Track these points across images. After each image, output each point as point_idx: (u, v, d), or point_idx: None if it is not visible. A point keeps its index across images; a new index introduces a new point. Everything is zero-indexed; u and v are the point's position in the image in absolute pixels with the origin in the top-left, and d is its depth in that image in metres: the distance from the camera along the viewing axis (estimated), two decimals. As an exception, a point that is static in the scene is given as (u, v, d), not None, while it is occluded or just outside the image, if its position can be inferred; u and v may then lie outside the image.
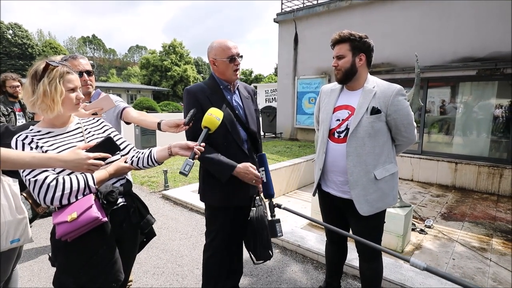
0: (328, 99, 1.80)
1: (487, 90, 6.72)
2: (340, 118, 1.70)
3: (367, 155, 1.62)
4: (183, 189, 4.38)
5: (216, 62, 1.66)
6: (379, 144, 1.64)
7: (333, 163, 1.71)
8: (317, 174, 1.83)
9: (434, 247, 3.78)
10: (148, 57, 49.81)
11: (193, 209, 3.77)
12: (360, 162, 1.61)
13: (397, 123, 1.64)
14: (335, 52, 1.67)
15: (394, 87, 1.64)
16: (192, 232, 3.18)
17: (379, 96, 1.62)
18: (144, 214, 1.43)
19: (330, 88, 1.84)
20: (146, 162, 1.41)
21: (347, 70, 1.64)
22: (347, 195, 1.69)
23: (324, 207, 1.93)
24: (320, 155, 1.78)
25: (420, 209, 5.07)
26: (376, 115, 1.60)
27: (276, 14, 10.72)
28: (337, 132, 1.70)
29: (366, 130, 1.60)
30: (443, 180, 6.56)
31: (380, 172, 1.63)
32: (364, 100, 1.63)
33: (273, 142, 9.49)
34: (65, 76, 1.22)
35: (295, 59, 10.15)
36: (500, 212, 5.01)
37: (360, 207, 1.63)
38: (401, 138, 1.70)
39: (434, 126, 7.45)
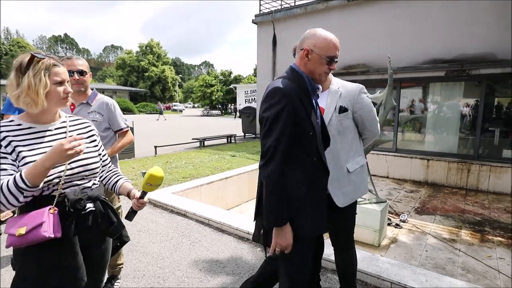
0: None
1: (455, 90, 7.09)
2: None
3: (339, 151, 1.73)
4: (163, 191, 4.33)
5: (310, 54, 1.37)
6: (349, 140, 1.77)
7: None
8: None
9: (409, 240, 3.95)
10: (124, 57, 48.51)
11: (173, 211, 3.74)
12: (334, 158, 1.71)
13: (363, 119, 1.77)
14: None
15: (356, 87, 1.77)
16: (173, 234, 3.15)
17: (344, 95, 1.74)
18: (113, 220, 1.37)
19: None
20: (109, 187, 1.43)
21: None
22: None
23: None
24: None
25: (395, 204, 5.28)
26: (344, 113, 1.73)
27: (255, 15, 10.80)
28: None
29: (336, 128, 1.72)
30: (416, 176, 6.85)
31: (351, 165, 1.76)
32: (332, 101, 1.74)
33: (253, 143, 9.54)
34: (51, 69, 1.17)
35: (274, 60, 10.26)
36: (468, 205, 5.31)
37: (337, 199, 1.72)
38: (367, 132, 1.83)
39: (407, 125, 7.77)
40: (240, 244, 2.93)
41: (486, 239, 4.00)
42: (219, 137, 10.01)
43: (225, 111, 42.06)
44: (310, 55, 1.37)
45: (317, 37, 1.38)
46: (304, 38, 1.41)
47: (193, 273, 2.47)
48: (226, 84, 39.49)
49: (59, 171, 1.19)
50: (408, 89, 7.65)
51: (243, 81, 40.28)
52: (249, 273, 2.46)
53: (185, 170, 5.56)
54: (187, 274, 2.47)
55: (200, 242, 2.98)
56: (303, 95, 1.34)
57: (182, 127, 19.07)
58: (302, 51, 1.39)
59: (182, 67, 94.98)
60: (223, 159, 6.60)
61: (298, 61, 1.42)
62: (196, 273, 2.48)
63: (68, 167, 1.21)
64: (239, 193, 5.28)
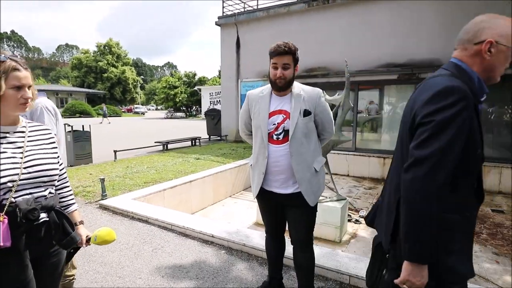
0: (260, 105, 1.87)
1: (407, 92, 7.59)
2: (275, 122, 1.81)
3: (306, 152, 1.80)
4: (123, 197, 4.15)
5: (494, 48, 1.03)
6: (313, 141, 1.85)
7: (275, 164, 1.81)
8: (258, 177, 1.88)
9: (367, 235, 4.16)
10: (81, 57, 45.78)
11: (134, 217, 3.60)
12: (302, 160, 1.79)
13: (323, 121, 1.87)
14: (281, 62, 1.73)
15: (317, 91, 1.86)
16: (134, 241, 3.04)
17: (307, 99, 1.81)
18: (68, 231, 1.30)
19: (258, 94, 1.92)
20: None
21: (290, 79, 1.77)
22: (289, 190, 1.83)
23: (266, 205, 2.01)
24: (261, 159, 1.85)
25: (355, 201, 5.53)
26: (308, 116, 1.80)
27: (218, 17, 10.76)
28: (275, 135, 1.81)
29: (302, 130, 1.78)
30: (374, 173, 7.24)
31: (317, 165, 1.85)
32: (296, 104, 1.79)
33: (219, 145, 9.49)
34: (10, 73, 1.13)
35: (238, 62, 10.29)
36: (420, 199, 5.71)
37: (309, 199, 1.80)
38: (326, 133, 1.94)
39: (365, 125, 8.19)
40: (204, 248, 2.90)
41: (435, 229, 4.33)
42: (183, 140, 9.81)
43: (190, 113, 41.35)
44: (493, 49, 1.03)
45: (502, 24, 1.03)
46: (481, 28, 1.04)
47: (155, 281, 2.40)
48: (191, 86, 38.82)
49: (13, 174, 1.12)
50: (365, 91, 8.07)
51: (208, 83, 39.87)
52: (213, 276, 2.44)
53: (147, 174, 5.38)
54: (149, 282, 2.39)
55: (162, 248, 2.91)
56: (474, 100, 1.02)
57: (144, 130, 18.42)
58: (480, 44, 1.04)
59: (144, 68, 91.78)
60: (187, 162, 6.49)
61: (469, 58, 1.07)
62: (159, 280, 2.41)
63: (24, 170, 1.15)
64: (204, 196, 5.22)
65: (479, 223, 4.53)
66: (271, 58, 1.78)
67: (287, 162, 1.79)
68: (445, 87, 0.99)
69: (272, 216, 2.03)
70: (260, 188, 1.89)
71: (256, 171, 1.90)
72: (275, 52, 1.74)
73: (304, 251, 1.94)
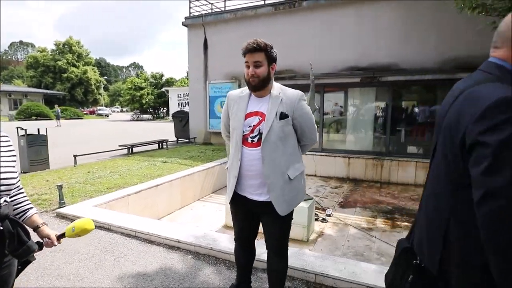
0: (238, 106, 1.80)
1: (369, 95, 7.96)
2: (251, 124, 1.74)
3: (280, 158, 1.71)
4: (84, 204, 3.93)
5: None
6: (289, 146, 1.76)
7: (248, 168, 1.74)
8: (232, 181, 1.80)
9: (333, 233, 4.28)
10: (37, 56, 42.78)
11: (95, 225, 3.42)
12: (275, 166, 1.69)
13: (302, 126, 1.77)
14: (252, 60, 1.67)
15: (297, 93, 1.78)
16: (95, 251, 2.88)
17: (285, 101, 1.72)
18: (24, 241, 1.22)
19: (237, 94, 1.85)
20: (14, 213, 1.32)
21: (264, 78, 1.69)
22: (263, 197, 1.74)
23: (239, 211, 1.91)
24: (235, 162, 1.77)
25: (322, 200, 5.68)
26: (284, 119, 1.71)
27: (185, 17, 10.58)
28: (250, 137, 1.74)
29: (277, 134, 1.69)
30: (340, 173, 7.49)
31: (292, 172, 1.75)
32: (273, 106, 1.71)
33: (187, 147, 9.31)
34: None
35: (206, 63, 10.19)
36: (382, 196, 6.00)
37: (280, 208, 1.71)
38: (305, 140, 1.84)
39: (331, 126, 8.45)
40: (170, 254, 2.82)
41: (396, 225, 4.56)
42: (150, 143, 9.51)
43: (157, 115, 40.22)
44: None
45: None
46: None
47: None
48: (158, 87, 37.77)
49: None
50: (331, 93, 8.33)
51: (176, 84, 39.03)
52: (179, 283, 2.38)
53: (110, 180, 5.14)
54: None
55: (125, 257, 2.79)
56: None
57: (108, 133, 17.62)
58: None
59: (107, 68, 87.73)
60: (154, 166, 6.29)
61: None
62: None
63: None
64: (171, 201, 5.09)
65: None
66: (244, 58, 1.71)
67: (261, 166, 1.71)
68: (499, 100, 0.85)
69: (245, 222, 1.93)
70: (233, 192, 1.81)
71: (230, 174, 1.84)
72: (245, 50, 1.68)
73: (278, 258, 1.89)
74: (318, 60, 7.56)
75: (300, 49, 8.28)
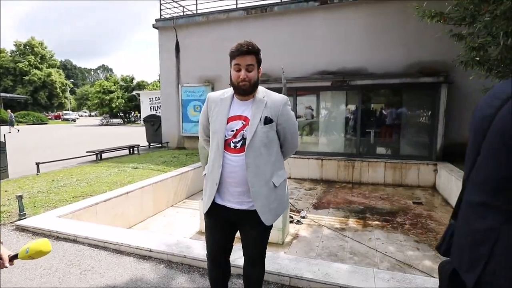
0: (219, 108, 1.69)
1: (340, 98, 8.18)
2: (234, 128, 1.65)
3: (265, 164, 1.63)
4: (47, 215, 3.70)
5: None
6: (274, 153, 1.68)
7: (230, 175, 1.63)
8: (211, 188, 1.68)
9: (308, 234, 4.34)
10: (-6, 57, 40.09)
11: (59, 237, 3.23)
12: (259, 173, 1.62)
13: (285, 132, 1.71)
14: (244, 63, 1.57)
15: (282, 98, 1.71)
16: (59, 265, 2.71)
17: (270, 106, 1.65)
18: None
19: (219, 96, 1.74)
20: None
21: (255, 82, 1.62)
22: (245, 206, 1.65)
23: (216, 222, 1.75)
24: (216, 168, 1.65)
25: (296, 202, 5.74)
26: (269, 124, 1.63)
27: (155, 20, 10.36)
28: (233, 142, 1.64)
29: (262, 140, 1.62)
30: (313, 175, 7.62)
31: (276, 179, 1.68)
32: (257, 110, 1.63)
33: (159, 152, 9.08)
34: None
35: (178, 67, 10.02)
36: (354, 196, 6.17)
37: (265, 217, 1.63)
38: (287, 146, 1.77)
39: (304, 129, 8.59)
40: (141, 264, 2.71)
41: (367, 224, 4.70)
42: (120, 148, 9.17)
43: (128, 119, 38.97)
44: None
45: None
46: None
47: (83, 307, 2.17)
48: (128, 91, 36.64)
49: None
50: (303, 96, 8.48)
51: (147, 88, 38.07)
52: (151, 293, 2.30)
53: (76, 188, 4.89)
54: (76, 309, 2.15)
55: (93, 269, 2.65)
56: None
57: (75, 139, 16.79)
58: None
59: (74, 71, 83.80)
60: (124, 172, 6.07)
61: None
62: (87, 305, 2.18)
63: None
64: (143, 208, 4.92)
65: (403, 214, 5.06)
66: (232, 59, 1.60)
67: (243, 174, 1.61)
68: None
69: (221, 233, 1.77)
70: (212, 201, 1.68)
71: (209, 181, 1.70)
72: (237, 52, 1.57)
73: (256, 266, 1.84)
74: (290, 64, 7.70)
75: (272, 53, 8.36)
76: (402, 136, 7.63)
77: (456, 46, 4.54)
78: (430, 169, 6.75)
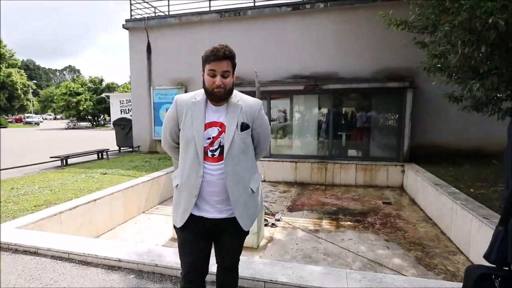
0: (193, 113, 1.59)
1: (313, 101, 8.35)
2: (211, 135, 1.57)
3: (243, 171, 1.60)
4: (4, 226, 3.43)
5: None
6: (250, 159, 1.65)
7: (209, 184, 1.56)
8: (187, 201, 1.57)
9: (283, 237, 4.36)
10: None
11: (18, 250, 3.00)
12: (239, 180, 1.58)
13: (259, 136, 1.68)
14: (220, 69, 1.50)
15: (257, 102, 1.68)
16: (17, 280, 2.52)
17: (245, 110, 1.61)
18: None
19: (189, 99, 1.63)
20: None
21: (230, 89, 1.56)
22: (224, 214, 1.59)
23: (192, 236, 1.62)
24: (194, 179, 1.55)
25: (271, 205, 5.76)
26: (246, 130, 1.59)
27: (125, 20, 10.04)
28: (210, 151, 1.57)
29: (239, 146, 1.57)
30: (288, 177, 7.70)
31: (253, 184, 1.66)
32: (233, 116, 1.58)
33: (130, 157, 8.77)
34: None
35: (149, 68, 9.77)
36: (327, 198, 6.30)
37: (244, 223, 1.60)
38: (259, 149, 1.75)
39: (278, 133, 8.67)
40: (109, 275, 2.59)
41: (339, 225, 4.81)
42: (88, 153, 8.76)
43: (97, 122, 37.44)
44: None
45: None
46: None
47: (45, 324, 2.03)
48: (97, 93, 35.21)
49: None
50: (277, 100, 8.56)
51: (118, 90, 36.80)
52: (120, 306, 2.19)
53: (38, 196, 4.59)
54: (36, 327, 2.00)
55: (56, 283, 2.49)
56: None
57: (38, 143, 15.84)
58: None
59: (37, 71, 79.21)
60: (92, 178, 5.79)
61: None
62: (49, 322, 2.04)
63: None
64: (112, 215, 4.72)
65: (373, 215, 5.23)
66: (206, 64, 1.51)
67: (223, 182, 1.55)
68: None
69: (199, 245, 1.64)
70: (189, 214, 1.57)
71: (185, 193, 1.58)
72: (213, 57, 1.48)
73: (232, 273, 1.81)
74: (264, 68, 7.76)
75: (246, 56, 8.37)
76: (372, 139, 7.91)
77: (420, 53, 4.78)
78: (398, 170, 7.05)
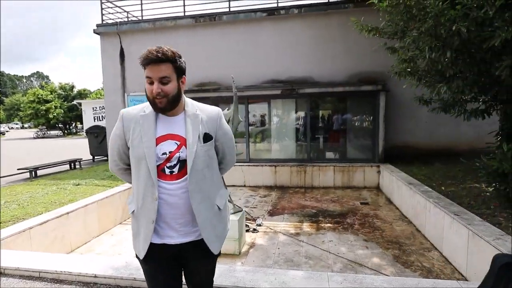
0: (141, 128, 1.41)
1: (290, 105, 8.46)
2: (166, 151, 1.39)
3: (209, 187, 1.45)
4: (-34, 246, 3.20)
5: None
6: (215, 173, 1.52)
7: (170, 206, 1.39)
8: (146, 228, 1.39)
9: (264, 242, 4.35)
10: None
11: (-17, 271, 2.81)
12: (204, 198, 1.43)
13: (224, 147, 1.56)
14: (157, 75, 1.32)
15: (217, 110, 1.54)
16: (-18, 304, 2.35)
17: (206, 120, 1.46)
18: None
19: (138, 113, 1.44)
20: None
21: (174, 96, 1.36)
22: (190, 237, 1.44)
23: (157, 266, 1.48)
24: (149, 202, 1.37)
25: (252, 210, 5.75)
26: (209, 142, 1.45)
27: (97, 25, 9.75)
28: (168, 168, 1.39)
29: (204, 160, 1.43)
30: (267, 182, 7.73)
31: (219, 201, 1.52)
32: (193, 127, 1.42)
33: (105, 166, 8.47)
34: None
35: (123, 74, 9.52)
36: (307, 201, 6.37)
37: (213, 246, 1.46)
38: (227, 162, 1.64)
39: (257, 137, 8.70)
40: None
41: (320, 227, 4.87)
42: (59, 164, 8.38)
43: (69, 130, 35.95)
44: None
45: None
46: None
47: None
48: (68, 100, 33.86)
49: None
50: (255, 104, 8.60)
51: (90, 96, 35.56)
52: (97, 325, 2.09)
53: (5, 212, 4.32)
54: None
55: (26, 305, 2.34)
56: None
57: (4, 154, 14.96)
58: None
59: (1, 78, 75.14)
60: (64, 190, 5.53)
61: None
62: None
63: None
64: (87, 229, 4.52)
65: (352, 215, 5.34)
66: (144, 70, 1.35)
67: (186, 202, 1.38)
68: None
69: (165, 276, 1.49)
70: (149, 244, 1.40)
71: (142, 220, 1.41)
72: (146, 61, 1.32)
73: None
74: (240, 73, 7.78)
75: (222, 62, 8.38)
76: (348, 141, 8.11)
77: (390, 58, 4.97)
78: (374, 170, 7.26)
